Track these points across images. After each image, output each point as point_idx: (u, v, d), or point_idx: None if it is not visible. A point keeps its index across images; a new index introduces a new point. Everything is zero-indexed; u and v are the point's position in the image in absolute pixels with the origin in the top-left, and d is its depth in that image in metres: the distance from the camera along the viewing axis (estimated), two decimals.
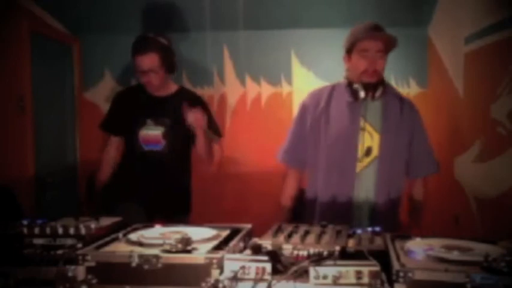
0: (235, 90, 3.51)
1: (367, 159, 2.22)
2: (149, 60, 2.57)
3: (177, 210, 2.67)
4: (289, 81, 3.47)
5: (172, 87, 2.76)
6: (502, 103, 2.33)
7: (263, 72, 3.48)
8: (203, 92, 3.49)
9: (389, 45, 2.20)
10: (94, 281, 1.39)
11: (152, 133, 2.67)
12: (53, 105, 3.26)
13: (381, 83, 2.24)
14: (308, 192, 2.35)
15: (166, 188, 2.67)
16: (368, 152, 2.21)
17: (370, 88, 2.20)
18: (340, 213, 2.18)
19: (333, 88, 2.34)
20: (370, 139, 2.22)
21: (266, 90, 3.50)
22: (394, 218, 2.27)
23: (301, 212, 2.34)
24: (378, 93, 2.22)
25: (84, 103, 3.55)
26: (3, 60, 2.76)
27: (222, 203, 3.37)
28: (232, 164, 3.42)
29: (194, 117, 2.54)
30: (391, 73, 3.40)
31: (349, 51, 2.24)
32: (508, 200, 2.27)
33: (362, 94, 2.19)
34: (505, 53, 2.32)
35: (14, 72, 2.82)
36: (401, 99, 2.32)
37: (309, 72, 3.43)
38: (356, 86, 2.20)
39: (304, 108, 2.35)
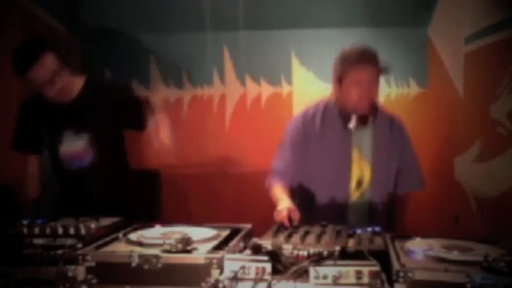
0: (235, 90, 3.51)
1: (359, 191, 2.15)
2: (47, 64, 2.11)
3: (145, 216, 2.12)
4: (289, 81, 3.47)
5: (79, 83, 2.30)
6: (502, 103, 2.33)
7: (263, 72, 3.48)
8: (203, 92, 3.50)
9: (379, 71, 2.07)
10: (94, 281, 1.39)
11: (75, 147, 2.26)
12: None
13: (373, 110, 2.14)
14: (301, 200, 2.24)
15: (121, 199, 2.27)
16: (359, 184, 2.14)
17: (362, 119, 2.11)
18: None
19: (325, 109, 2.20)
20: (360, 170, 2.14)
21: (266, 90, 3.50)
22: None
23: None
24: (370, 121, 2.14)
25: None
26: (3, 60, 2.76)
27: (222, 203, 3.37)
28: (232, 164, 3.42)
29: (160, 143, 2.22)
30: (391, 73, 3.40)
31: (339, 79, 2.09)
32: (508, 200, 2.27)
33: (352, 125, 2.10)
34: (505, 53, 2.32)
35: (14, 73, 2.81)
36: (391, 120, 2.22)
37: (309, 72, 3.43)
38: (348, 116, 2.10)
39: (298, 129, 2.20)
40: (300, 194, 2.23)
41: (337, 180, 2.14)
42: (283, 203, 1.95)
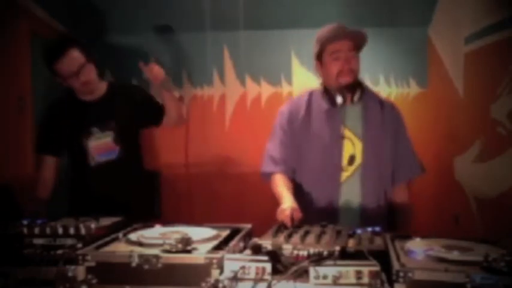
0: (235, 90, 3.51)
1: (351, 168, 2.15)
2: (74, 57, 2.32)
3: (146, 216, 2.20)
4: (289, 81, 3.48)
5: (103, 86, 2.52)
6: (502, 103, 2.33)
7: (263, 72, 3.48)
8: (203, 92, 3.50)
9: (359, 42, 2.11)
10: (94, 281, 1.39)
11: (102, 141, 2.44)
12: None
13: (359, 85, 2.15)
14: (296, 199, 2.20)
15: (129, 198, 2.42)
16: (351, 160, 2.14)
17: (348, 91, 2.12)
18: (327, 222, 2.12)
19: (310, 95, 2.25)
20: (352, 147, 2.14)
21: (266, 90, 3.50)
22: (383, 224, 2.19)
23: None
24: (357, 96, 2.14)
25: None
26: (3, 60, 2.76)
27: (222, 203, 3.37)
28: (232, 164, 3.42)
29: (151, 73, 2.36)
30: (391, 73, 3.40)
31: (319, 57, 2.16)
32: (508, 200, 2.27)
33: (340, 100, 2.12)
34: (505, 53, 2.32)
35: (14, 72, 2.81)
36: (381, 101, 2.24)
37: (309, 72, 3.42)
38: (333, 91, 2.13)
39: (285, 116, 2.24)
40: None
41: (329, 157, 2.15)
42: (287, 202, 1.96)
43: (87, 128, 2.44)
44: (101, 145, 2.44)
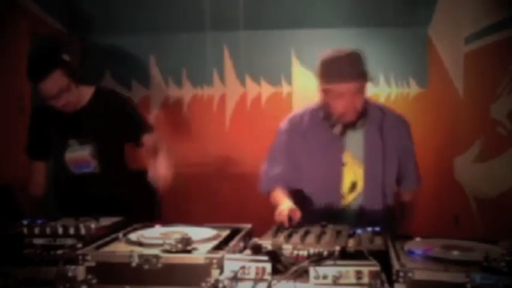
0: (235, 90, 3.51)
1: (353, 195, 2.10)
2: (56, 79, 2.21)
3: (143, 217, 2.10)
4: (289, 81, 3.48)
5: (87, 93, 2.40)
6: (502, 103, 2.33)
7: (263, 72, 3.49)
8: (203, 92, 3.50)
9: (364, 81, 1.99)
10: (94, 281, 1.39)
11: (79, 154, 2.36)
12: None
13: (362, 115, 2.05)
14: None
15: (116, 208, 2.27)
16: (353, 187, 2.09)
17: (349, 125, 2.04)
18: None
19: (310, 115, 2.15)
20: (353, 174, 2.09)
21: (266, 90, 3.50)
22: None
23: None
24: (359, 124, 2.05)
25: None
26: (3, 60, 2.76)
27: (222, 203, 3.37)
28: (232, 164, 3.42)
29: (158, 175, 2.23)
30: (391, 73, 3.41)
31: (322, 90, 2.03)
32: (508, 200, 2.27)
33: (339, 130, 2.04)
34: (505, 53, 2.32)
35: (14, 72, 2.82)
36: (382, 116, 2.12)
37: (309, 72, 3.42)
38: (333, 122, 2.04)
39: (285, 136, 2.16)
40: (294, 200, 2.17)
41: (328, 184, 2.10)
42: (285, 204, 1.94)
43: (65, 140, 2.36)
44: (77, 158, 2.37)
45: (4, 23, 2.76)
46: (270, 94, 3.50)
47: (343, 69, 1.95)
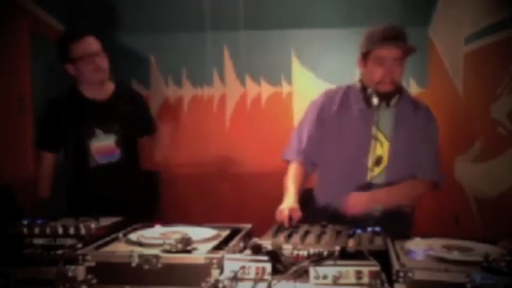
0: (235, 90, 3.51)
1: (378, 169, 2.15)
2: (91, 42, 2.40)
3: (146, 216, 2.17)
4: (289, 81, 3.47)
5: (111, 86, 2.56)
6: (502, 103, 2.33)
7: (263, 72, 3.48)
8: (203, 92, 3.49)
9: (407, 52, 2.06)
10: (94, 281, 1.39)
11: (104, 143, 2.45)
12: None
13: (398, 91, 2.12)
14: (318, 194, 2.27)
15: (129, 199, 2.44)
16: (378, 161, 2.14)
17: (385, 97, 2.10)
18: (350, 220, 2.10)
19: (346, 90, 2.23)
20: (380, 148, 2.14)
21: (266, 90, 3.49)
22: (405, 227, 2.16)
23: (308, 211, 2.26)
24: (393, 101, 2.12)
25: None
26: (3, 60, 2.76)
27: (222, 203, 3.37)
28: (233, 164, 3.42)
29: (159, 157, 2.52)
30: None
31: (364, 56, 2.11)
32: (508, 200, 2.27)
33: (376, 102, 2.10)
34: (505, 53, 2.32)
35: (14, 72, 2.81)
36: (416, 104, 2.22)
37: (309, 72, 3.43)
38: (370, 92, 2.10)
39: (317, 107, 2.23)
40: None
41: (356, 156, 2.15)
42: (287, 202, 1.96)
43: (91, 129, 2.43)
44: (103, 147, 2.45)
45: (4, 23, 2.76)
46: (270, 94, 3.49)
47: (387, 34, 2.02)
